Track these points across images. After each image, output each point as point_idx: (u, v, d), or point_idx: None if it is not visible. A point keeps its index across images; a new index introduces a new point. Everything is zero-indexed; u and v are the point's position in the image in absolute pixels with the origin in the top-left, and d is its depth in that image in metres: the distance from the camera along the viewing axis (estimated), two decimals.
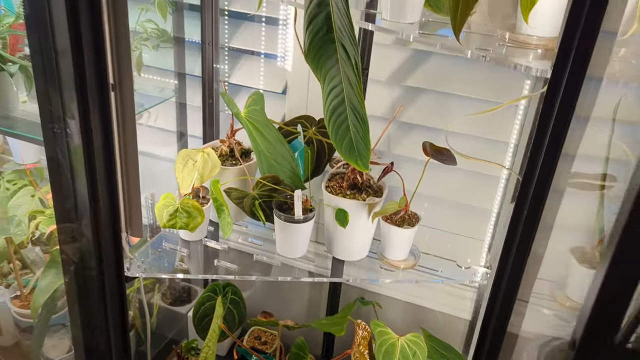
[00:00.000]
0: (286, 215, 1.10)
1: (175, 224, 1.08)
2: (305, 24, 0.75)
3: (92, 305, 1.18)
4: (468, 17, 0.67)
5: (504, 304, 0.88)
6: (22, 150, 1.33)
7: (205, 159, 1.12)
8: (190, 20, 1.27)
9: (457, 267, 1.19)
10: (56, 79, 0.94)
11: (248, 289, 1.57)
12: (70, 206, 1.06)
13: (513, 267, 0.77)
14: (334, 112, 0.85)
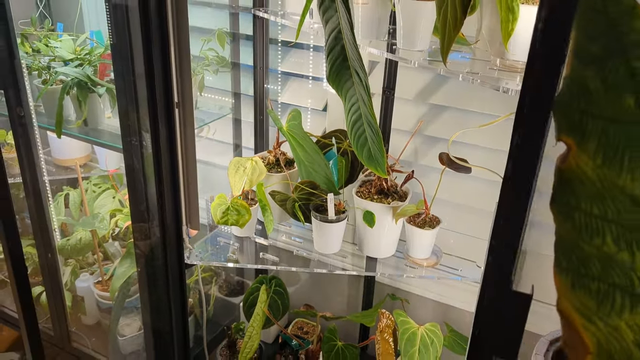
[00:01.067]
0: (322, 216, 1.27)
1: (227, 220, 1.27)
2: (326, 53, 0.93)
3: (158, 291, 1.39)
4: (452, 44, 0.82)
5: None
6: (106, 158, 1.59)
7: (253, 166, 1.31)
8: (245, 48, 1.47)
9: (477, 267, 1.31)
10: (133, 99, 1.16)
11: (293, 285, 1.74)
12: (142, 205, 1.28)
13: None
14: (354, 126, 1.02)
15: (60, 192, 1.66)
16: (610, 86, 0.43)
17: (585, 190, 0.45)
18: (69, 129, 1.32)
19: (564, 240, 0.46)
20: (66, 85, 1.26)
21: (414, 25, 1.00)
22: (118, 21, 1.07)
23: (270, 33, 1.45)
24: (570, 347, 0.45)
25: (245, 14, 1.42)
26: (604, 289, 0.44)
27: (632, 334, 0.43)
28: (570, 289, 0.45)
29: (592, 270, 0.44)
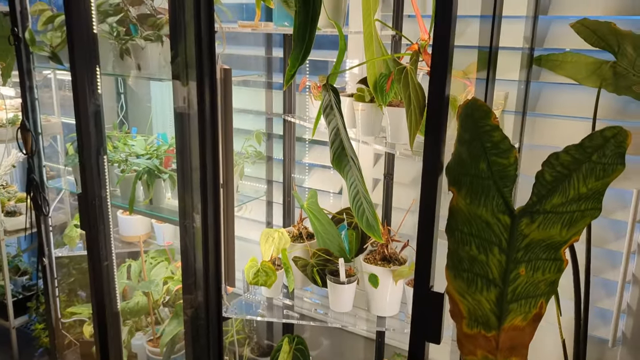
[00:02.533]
0: (335, 278, 1.55)
1: (257, 281, 1.56)
2: (330, 144, 1.26)
3: (200, 345, 1.66)
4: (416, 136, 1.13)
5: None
6: (163, 234, 1.93)
7: (280, 236, 1.62)
8: (277, 144, 1.85)
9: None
10: (190, 186, 1.51)
11: (315, 349, 1.97)
12: (191, 271, 1.60)
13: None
14: (354, 199, 1.32)
15: (124, 263, 2.00)
16: (473, 157, 0.74)
17: (461, 218, 0.74)
18: (138, 206, 1.68)
19: (450, 250, 0.75)
20: (139, 172, 1.64)
21: (398, 125, 1.33)
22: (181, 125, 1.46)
23: (298, 133, 1.82)
24: (454, 315, 0.72)
25: (277, 118, 1.81)
26: (471, 277, 0.71)
27: (488, 305, 0.70)
28: (453, 279, 0.73)
29: (464, 266, 0.72)
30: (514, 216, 0.71)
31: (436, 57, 0.73)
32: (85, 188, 1.15)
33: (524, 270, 0.69)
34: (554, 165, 0.72)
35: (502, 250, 0.70)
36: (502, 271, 0.69)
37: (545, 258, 0.70)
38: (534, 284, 0.69)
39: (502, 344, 0.68)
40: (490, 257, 0.70)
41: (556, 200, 0.70)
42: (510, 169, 0.72)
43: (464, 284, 0.71)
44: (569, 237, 0.70)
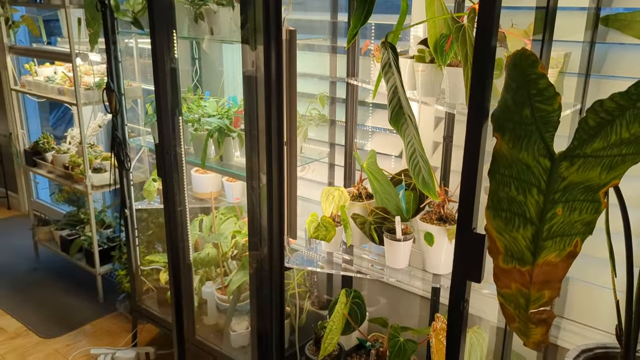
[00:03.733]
0: (391, 235, 1.61)
1: (318, 235, 1.65)
2: (388, 103, 1.31)
3: (263, 295, 1.79)
4: None
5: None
6: (232, 191, 2.07)
7: (340, 194, 1.70)
8: (340, 108, 1.91)
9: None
10: (256, 147, 1.61)
11: (373, 305, 2.05)
12: (257, 224, 1.71)
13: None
14: (411, 158, 1.37)
15: (196, 218, 2.16)
16: (518, 103, 0.78)
17: (503, 162, 0.78)
18: (209, 162, 1.82)
19: (492, 191, 0.79)
20: (211, 131, 1.77)
21: (456, 85, 1.36)
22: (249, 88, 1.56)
23: (361, 96, 1.87)
24: (491, 251, 0.76)
25: (341, 82, 1.87)
26: (509, 216, 0.76)
27: (524, 241, 0.74)
28: (492, 218, 0.77)
29: (503, 205, 0.76)
30: (554, 159, 0.74)
31: (483, 6, 0.77)
32: (162, 139, 1.27)
33: (561, 210, 0.73)
34: (597, 111, 0.74)
35: (540, 191, 0.74)
36: (539, 211, 0.73)
37: (583, 199, 0.73)
38: (570, 223, 0.73)
39: (535, 278, 0.73)
40: (529, 198, 0.74)
41: (597, 145, 0.73)
42: (553, 115, 0.75)
43: (502, 222, 0.75)
44: (609, 180, 0.73)
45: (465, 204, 0.84)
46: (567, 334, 1.61)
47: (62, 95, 2.58)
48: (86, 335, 2.48)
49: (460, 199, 0.85)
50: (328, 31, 1.86)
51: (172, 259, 1.38)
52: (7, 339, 2.46)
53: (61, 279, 2.99)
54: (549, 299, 0.72)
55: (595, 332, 1.55)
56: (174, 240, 1.36)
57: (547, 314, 0.73)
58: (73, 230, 2.92)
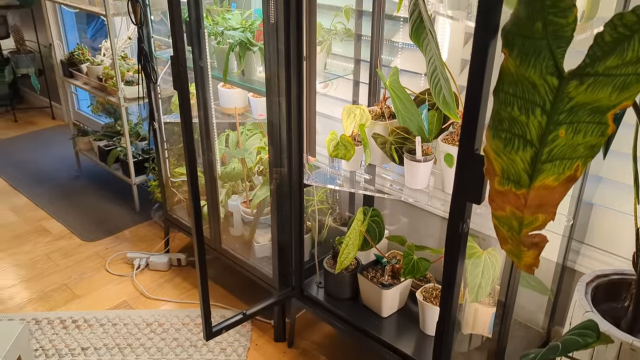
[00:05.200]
0: (411, 156, 1.59)
1: (337, 153, 1.65)
2: (409, 16, 1.25)
3: (284, 210, 1.83)
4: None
5: None
6: (257, 107, 2.06)
7: (361, 113, 1.67)
8: (368, 22, 1.83)
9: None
10: (275, 62, 1.58)
11: (393, 224, 2.07)
12: (276, 143, 1.71)
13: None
14: (432, 75, 1.32)
15: (223, 133, 2.18)
16: (530, 16, 0.73)
17: (508, 79, 0.74)
18: (232, 76, 1.81)
19: (494, 111, 0.76)
20: (232, 44, 1.74)
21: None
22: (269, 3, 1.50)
23: (390, 10, 1.78)
24: (487, 172, 0.74)
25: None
26: (509, 137, 0.73)
27: (522, 164, 0.72)
28: (491, 139, 0.75)
29: (504, 126, 0.73)
30: (563, 78, 0.70)
31: None
32: (177, 51, 1.26)
33: (564, 132, 0.69)
34: (616, 25, 0.68)
35: (544, 111, 0.70)
36: (541, 132, 0.70)
37: (589, 121, 0.69)
38: (572, 146, 0.69)
39: (530, 202, 0.71)
40: (531, 119, 0.70)
41: (611, 63, 0.68)
42: (567, 29, 0.70)
43: (501, 143, 0.73)
44: (620, 101, 0.68)
45: (469, 123, 0.81)
46: (586, 260, 1.60)
47: (93, 5, 2.57)
48: (123, 240, 2.63)
49: (463, 118, 0.82)
50: None
51: (190, 173, 1.41)
52: (52, 240, 2.65)
53: (101, 187, 3.13)
54: (542, 223, 0.71)
55: (615, 259, 1.53)
56: (191, 154, 1.39)
57: (540, 237, 0.71)
58: (110, 141, 3.02)
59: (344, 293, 1.85)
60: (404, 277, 1.70)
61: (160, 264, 2.39)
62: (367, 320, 1.75)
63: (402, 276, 1.66)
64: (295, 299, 1.91)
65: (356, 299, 1.85)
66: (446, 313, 1.01)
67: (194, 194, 1.44)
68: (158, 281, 2.34)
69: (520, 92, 0.72)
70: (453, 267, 0.92)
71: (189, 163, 1.39)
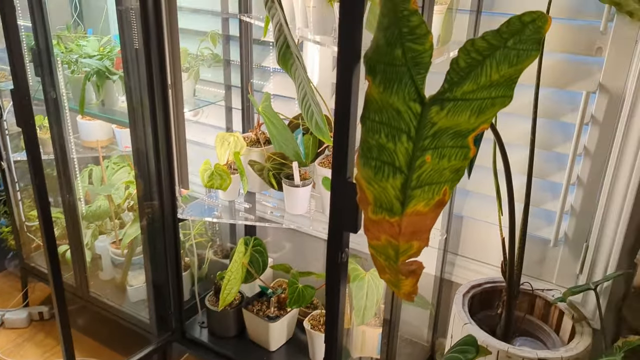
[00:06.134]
0: (289, 181, 1.55)
1: (212, 183, 1.57)
2: (275, 42, 1.22)
3: (157, 248, 1.70)
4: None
5: None
6: (122, 139, 1.92)
7: (235, 140, 1.61)
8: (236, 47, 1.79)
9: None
10: (137, 87, 1.48)
11: (277, 251, 2.02)
12: (145, 174, 1.59)
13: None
14: (303, 101, 1.30)
15: (86, 168, 2.00)
16: (390, 43, 0.72)
17: (374, 107, 0.73)
18: (89, 108, 1.65)
19: (362, 139, 0.74)
20: (88, 73, 1.59)
21: None
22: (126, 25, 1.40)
23: (258, 34, 1.75)
24: (361, 201, 0.72)
25: (234, 18, 1.74)
26: (378, 165, 0.71)
27: (393, 191, 0.70)
28: (362, 167, 0.73)
29: (373, 154, 0.72)
30: (424, 104, 0.70)
31: None
32: (17, 83, 1.12)
33: (430, 158, 0.69)
34: (469, 51, 0.69)
35: (410, 138, 0.70)
36: (409, 159, 0.69)
37: (452, 145, 0.69)
38: (439, 171, 0.69)
39: (404, 229, 0.70)
40: (398, 145, 0.70)
41: (467, 88, 0.69)
42: (424, 56, 0.70)
43: (371, 171, 0.71)
44: (478, 125, 0.70)
45: (338, 152, 0.79)
46: (461, 270, 1.67)
47: None
48: None
49: (333, 147, 0.79)
50: None
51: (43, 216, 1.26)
52: None
53: None
54: (417, 250, 0.70)
55: (486, 267, 1.62)
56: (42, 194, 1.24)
57: (416, 264, 0.71)
58: None
59: (229, 331, 1.76)
60: (290, 307, 1.65)
61: (18, 320, 2.11)
62: (254, 356, 1.67)
63: (288, 306, 1.61)
64: (176, 343, 1.77)
65: (243, 335, 1.76)
66: (332, 343, 0.98)
67: (48, 238, 1.28)
68: (16, 341, 2.06)
69: (386, 119, 0.71)
70: (335, 296, 0.89)
71: (40, 205, 1.24)
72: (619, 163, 1.31)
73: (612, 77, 1.27)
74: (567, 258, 1.48)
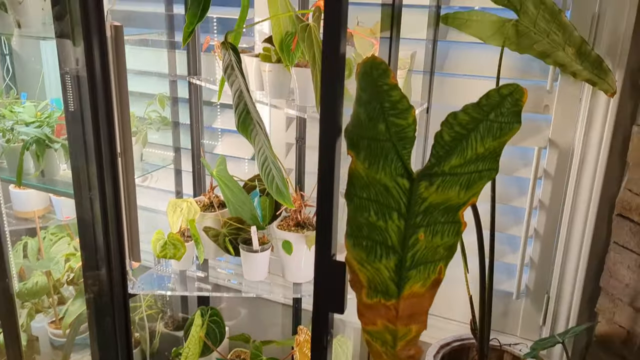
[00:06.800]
0: (247, 247, 1.49)
1: (165, 254, 1.48)
2: (234, 108, 1.19)
3: (105, 325, 1.56)
4: None
5: None
6: (62, 208, 1.79)
7: (188, 206, 1.54)
8: (185, 109, 1.74)
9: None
10: (83, 153, 1.39)
11: (233, 319, 1.93)
12: (91, 246, 1.48)
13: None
14: (263, 165, 1.26)
15: (20, 241, 1.84)
16: (372, 118, 0.70)
17: (359, 183, 0.70)
18: (28, 179, 1.53)
19: (350, 217, 0.71)
20: (27, 142, 1.49)
21: (306, 86, 1.27)
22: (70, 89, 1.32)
23: (207, 96, 1.71)
24: (353, 284, 0.69)
25: (183, 80, 1.69)
26: (370, 245, 0.69)
27: (387, 272, 0.67)
28: (352, 247, 0.70)
29: (363, 233, 0.69)
30: (413, 179, 0.68)
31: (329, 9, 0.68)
32: None
33: (423, 235, 0.67)
34: (452, 124, 0.69)
35: (401, 215, 0.68)
36: (401, 237, 0.67)
37: (444, 221, 0.68)
38: (432, 248, 0.67)
39: (402, 312, 0.66)
40: (390, 223, 0.67)
41: (454, 162, 0.68)
42: (408, 130, 0.69)
43: (363, 252, 0.68)
44: (467, 199, 0.69)
45: (323, 230, 0.75)
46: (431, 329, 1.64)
47: None
48: None
49: (316, 225, 0.76)
50: (164, 25, 1.67)
51: None
52: None
53: None
54: (416, 334, 0.67)
55: (452, 324, 1.60)
56: None
57: (415, 349, 0.67)
58: None
59: None
60: None
61: None
62: None
63: None
64: None
65: None
66: None
67: None
68: None
69: (374, 196, 0.69)
70: None
71: None
72: (573, 214, 1.35)
73: (561, 133, 1.33)
74: (529, 310, 1.49)
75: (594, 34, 1.25)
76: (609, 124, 1.27)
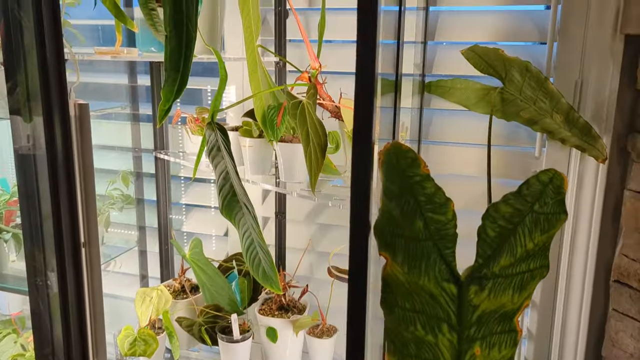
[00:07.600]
0: (227, 337, 1.35)
1: (135, 351, 1.32)
2: (218, 191, 1.08)
3: None
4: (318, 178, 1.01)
5: None
6: (7, 302, 1.58)
7: (159, 295, 1.39)
8: (149, 184, 1.61)
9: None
10: (40, 241, 1.24)
11: None
12: (48, 347, 1.30)
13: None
14: (249, 250, 1.15)
15: None
16: (406, 214, 0.62)
17: (400, 291, 0.61)
18: None
19: (390, 329, 0.62)
20: None
21: (292, 163, 1.19)
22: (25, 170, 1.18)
23: (172, 169, 1.60)
24: None
25: (147, 154, 1.57)
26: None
27: None
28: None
29: (410, 351, 0.59)
30: (461, 284, 0.60)
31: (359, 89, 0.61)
32: None
33: (479, 350, 0.58)
34: (495, 218, 0.62)
35: (452, 327, 0.59)
36: (455, 354, 0.58)
37: (500, 331, 0.59)
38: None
39: None
40: (440, 337, 0.58)
41: (504, 262, 0.61)
42: (449, 227, 0.62)
43: None
44: (521, 303, 0.61)
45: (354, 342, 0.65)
46: None
47: None
48: None
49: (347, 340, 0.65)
50: (126, 96, 1.56)
51: None
52: None
53: None
54: None
55: None
56: None
57: None
58: None
59: None
60: None
61: None
62: None
63: None
64: None
65: None
66: None
67: None
68: None
69: (419, 307, 0.60)
70: None
71: None
72: (569, 281, 1.31)
73: None
74: None
75: (578, 100, 1.25)
76: (600, 189, 1.26)
